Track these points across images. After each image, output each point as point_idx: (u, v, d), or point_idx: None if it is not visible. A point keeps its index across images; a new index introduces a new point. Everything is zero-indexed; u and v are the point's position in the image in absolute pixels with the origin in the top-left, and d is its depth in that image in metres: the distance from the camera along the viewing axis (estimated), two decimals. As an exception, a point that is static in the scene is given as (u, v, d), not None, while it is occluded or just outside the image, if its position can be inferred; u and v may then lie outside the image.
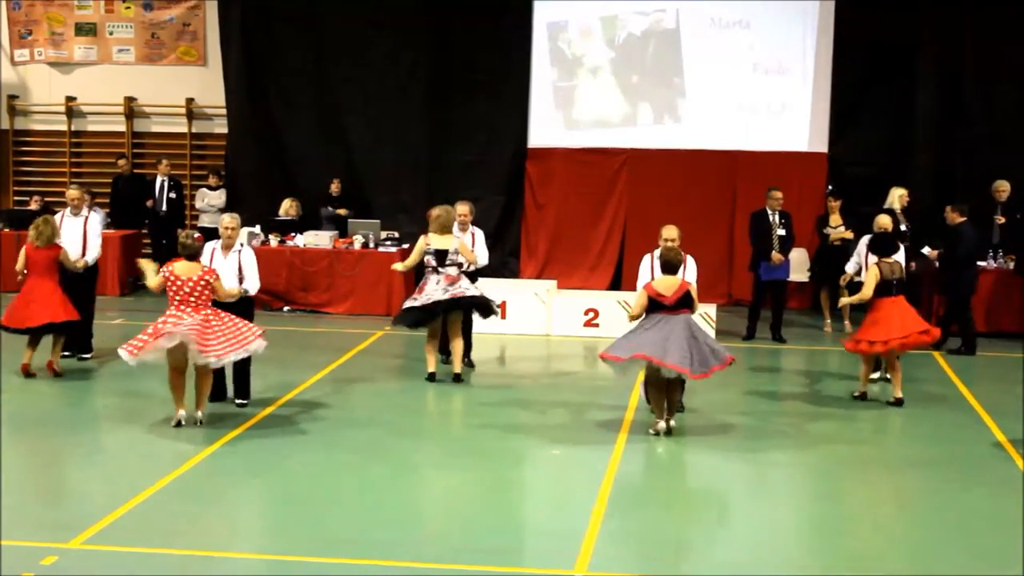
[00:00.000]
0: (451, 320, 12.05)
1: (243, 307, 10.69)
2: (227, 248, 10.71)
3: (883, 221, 12.42)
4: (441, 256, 11.96)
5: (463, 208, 12.60)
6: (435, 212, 12.14)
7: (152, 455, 9.66)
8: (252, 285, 10.79)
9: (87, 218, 12.64)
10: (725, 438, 10.45)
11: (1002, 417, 11.04)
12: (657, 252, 10.64)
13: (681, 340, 9.89)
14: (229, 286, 10.49)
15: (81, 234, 12.49)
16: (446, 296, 11.79)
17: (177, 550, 7.52)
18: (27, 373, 11.94)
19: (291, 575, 7.34)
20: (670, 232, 10.60)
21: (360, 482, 9.10)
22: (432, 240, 12.01)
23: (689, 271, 10.68)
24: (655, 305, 10.11)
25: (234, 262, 10.70)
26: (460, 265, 12.00)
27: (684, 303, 10.12)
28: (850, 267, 12.76)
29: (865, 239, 12.52)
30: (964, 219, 14.02)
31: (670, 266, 10.21)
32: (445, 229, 12.03)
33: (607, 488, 8.88)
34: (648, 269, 10.83)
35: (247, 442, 9.96)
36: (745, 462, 9.85)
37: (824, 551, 7.98)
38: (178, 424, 10.15)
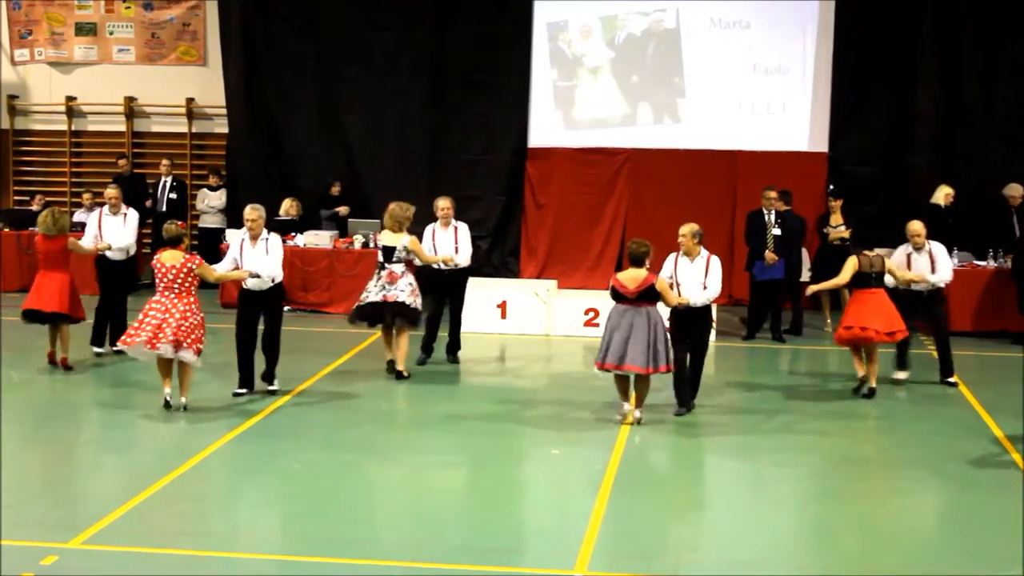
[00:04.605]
0: (395, 321, 12.17)
1: (275, 295, 11.26)
2: (254, 238, 11.10)
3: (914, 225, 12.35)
4: (388, 252, 12.01)
5: (444, 203, 12.63)
6: (389, 207, 12.27)
7: (152, 455, 9.68)
8: (266, 271, 11.03)
9: (126, 215, 12.83)
10: (725, 438, 10.46)
11: (1002, 416, 11.04)
12: (681, 252, 10.91)
13: (641, 338, 10.21)
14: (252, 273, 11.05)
15: (122, 231, 12.70)
16: (377, 299, 11.95)
17: (177, 550, 7.53)
18: (52, 361, 12.22)
19: (291, 575, 7.35)
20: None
21: (360, 482, 9.11)
22: (382, 236, 12.11)
23: (712, 273, 10.78)
24: (619, 297, 10.38)
25: (262, 249, 11.11)
26: (410, 263, 12.05)
27: (646, 296, 10.31)
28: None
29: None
30: (787, 208, 14.51)
31: (633, 258, 10.45)
32: (395, 226, 12.10)
33: (607, 488, 8.88)
34: (671, 266, 10.95)
35: (247, 441, 9.97)
36: (745, 462, 9.86)
37: (823, 551, 7.99)
38: (166, 404, 10.53)
